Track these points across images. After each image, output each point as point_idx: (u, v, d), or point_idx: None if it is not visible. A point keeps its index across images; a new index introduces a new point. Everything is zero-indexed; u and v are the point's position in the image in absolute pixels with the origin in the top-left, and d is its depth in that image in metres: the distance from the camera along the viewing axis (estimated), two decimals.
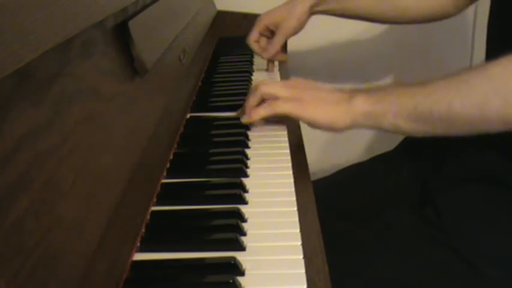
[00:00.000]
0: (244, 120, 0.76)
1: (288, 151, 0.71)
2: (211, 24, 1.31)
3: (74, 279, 0.39)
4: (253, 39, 1.05)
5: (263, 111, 0.73)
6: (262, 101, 0.74)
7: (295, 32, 1.03)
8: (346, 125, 0.68)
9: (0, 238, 0.32)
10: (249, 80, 1.02)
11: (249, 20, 1.39)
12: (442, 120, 0.62)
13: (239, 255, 0.49)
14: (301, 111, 0.69)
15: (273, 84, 0.74)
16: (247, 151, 0.71)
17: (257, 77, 1.05)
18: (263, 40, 1.07)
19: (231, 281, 0.45)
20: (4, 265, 0.32)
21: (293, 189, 0.62)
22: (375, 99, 0.67)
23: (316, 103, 0.69)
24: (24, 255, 0.34)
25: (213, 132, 0.80)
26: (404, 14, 1.00)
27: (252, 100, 0.74)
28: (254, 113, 0.73)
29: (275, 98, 0.72)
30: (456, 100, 0.61)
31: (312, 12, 1.03)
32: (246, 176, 0.65)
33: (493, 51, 0.81)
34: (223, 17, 1.40)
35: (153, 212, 0.57)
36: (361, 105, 0.67)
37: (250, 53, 1.20)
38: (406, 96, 0.64)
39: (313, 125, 0.69)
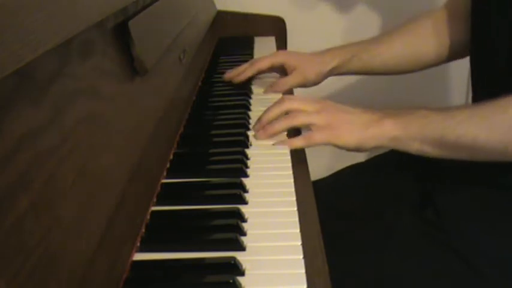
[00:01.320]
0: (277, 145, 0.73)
1: (288, 151, 0.71)
2: (211, 24, 1.31)
3: (74, 279, 0.39)
4: (262, 67, 0.98)
5: (299, 144, 0.72)
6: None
7: (308, 85, 0.98)
8: (372, 147, 0.71)
9: (0, 238, 0.32)
10: (249, 80, 1.02)
11: (249, 20, 1.40)
12: (467, 151, 0.67)
13: (239, 255, 0.49)
14: (335, 139, 0.70)
15: (307, 114, 0.73)
16: (247, 151, 0.71)
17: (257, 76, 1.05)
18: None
19: (231, 281, 0.45)
20: (4, 265, 0.32)
21: (293, 189, 0.62)
22: (403, 125, 0.69)
23: (347, 128, 0.71)
24: (24, 255, 0.34)
25: (213, 132, 0.80)
26: (426, 58, 0.96)
27: (281, 128, 0.74)
28: (288, 143, 0.72)
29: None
30: (480, 136, 0.65)
31: (333, 73, 0.98)
32: (246, 176, 0.65)
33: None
34: (223, 17, 1.40)
35: (153, 212, 0.57)
36: (390, 130, 0.69)
37: (250, 53, 1.20)
38: (432, 125, 0.68)
39: (343, 148, 0.71)
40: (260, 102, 0.89)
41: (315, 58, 0.98)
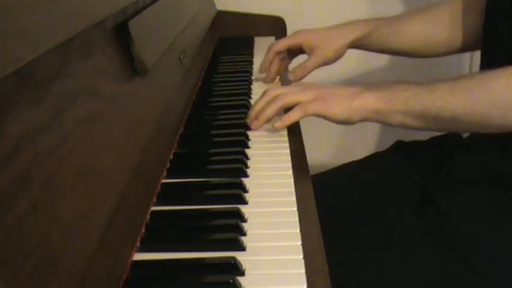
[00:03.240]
0: (278, 125, 0.75)
1: (288, 151, 0.72)
2: (211, 24, 1.31)
3: (74, 279, 0.39)
4: (279, 49, 0.99)
5: (295, 116, 0.74)
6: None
7: (329, 62, 0.99)
8: (358, 120, 0.73)
9: (0, 238, 0.32)
10: (249, 80, 1.02)
11: (249, 20, 1.40)
12: (447, 123, 0.69)
13: (239, 255, 0.49)
14: (326, 110, 0.73)
15: (293, 93, 0.75)
16: (247, 151, 0.71)
17: (256, 76, 1.05)
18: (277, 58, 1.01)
19: (231, 281, 0.45)
20: (4, 265, 0.32)
21: (293, 189, 0.62)
22: (385, 99, 0.71)
23: (335, 99, 0.73)
24: (24, 255, 0.34)
25: (213, 132, 0.80)
26: (440, 43, 0.96)
27: (272, 111, 0.75)
28: (286, 118, 0.74)
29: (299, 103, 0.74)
30: (460, 109, 0.66)
31: (353, 46, 0.99)
32: (246, 176, 0.65)
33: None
34: (223, 17, 1.40)
35: (153, 212, 0.57)
36: (373, 103, 0.72)
37: (250, 53, 1.20)
38: (415, 98, 0.69)
39: (333, 120, 0.73)
40: None
41: (335, 32, 0.98)
